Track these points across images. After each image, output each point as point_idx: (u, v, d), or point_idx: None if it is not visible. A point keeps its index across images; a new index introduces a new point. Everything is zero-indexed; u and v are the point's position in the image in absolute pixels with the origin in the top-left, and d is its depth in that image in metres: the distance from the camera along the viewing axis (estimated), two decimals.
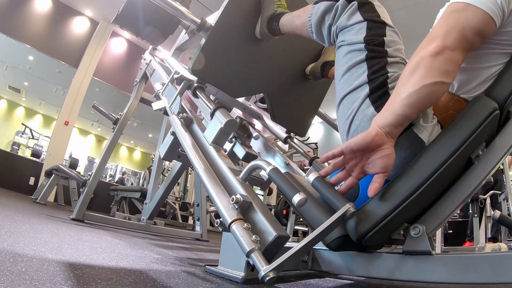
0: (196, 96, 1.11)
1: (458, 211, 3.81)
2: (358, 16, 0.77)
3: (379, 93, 0.72)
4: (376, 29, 0.75)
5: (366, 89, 0.73)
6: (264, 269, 0.56)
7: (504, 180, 2.78)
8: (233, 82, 1.20)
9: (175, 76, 1.19)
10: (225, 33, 1.12)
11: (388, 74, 0.72)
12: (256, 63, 1.25)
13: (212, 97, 1.29)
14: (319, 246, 0.92)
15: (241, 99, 1.53)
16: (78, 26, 4.80)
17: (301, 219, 3.42)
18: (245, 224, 0.65)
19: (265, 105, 1.50)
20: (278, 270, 0.57)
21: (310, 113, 1.58)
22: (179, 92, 1.16)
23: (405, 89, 0.62)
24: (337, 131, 1.91)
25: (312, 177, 0.71)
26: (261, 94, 1.52)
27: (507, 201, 2.69)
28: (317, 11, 0.87)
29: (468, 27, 0.63)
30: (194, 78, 1.13)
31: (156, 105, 1.28)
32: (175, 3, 1.15)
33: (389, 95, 0.71)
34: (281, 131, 1.56)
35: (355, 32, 0.77)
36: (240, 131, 1.30)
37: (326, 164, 1.45)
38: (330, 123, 2.04)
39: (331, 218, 0.61)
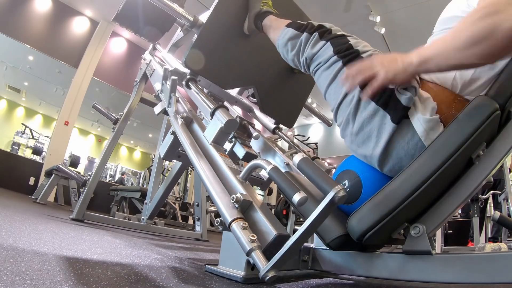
0: (188, 87, 1.17)
1: (459, 212, 3.81)
2: (321, 42, 0.86)
3: None
4: (338, 40, 0.84)
5: (356, 88, 0.76)
6: (264, 268, 0.56)
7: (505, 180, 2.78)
8: (223, 74, 1.27)
9: (169, 69, 1.25)
10: (215, 29, 1.20)
11: None
12: (245, 57, 1.33)
13: (205, 90, 1.34)
14: (320, 245, 0.92)
15: (233, 93, 1.59)
16: (78, 26, 4.80)
17: (301, 219, 3.42)
18: (246, 223, 0.65)
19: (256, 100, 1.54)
20: (278, 268, 0.57)
21: (297, 105, 1.67)
22: (171, 90, 1.20)
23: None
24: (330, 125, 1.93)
25: (298, 158, 0.69)
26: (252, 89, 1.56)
27: (507, 201, 2.69)
28: (284, 36, 0.97)
29: None
30: (187, 71, 1.20)
31: (157, 109, 1.36)
32: (170, 2, 1.21)
33: None
34: (270, 122, 1.61)
35: (323, 53, 0.85)
36: (240, 131, 1.30)
37: (326, 164, 1.46)
38: (324, 120, 2.05)
39: (321, 205, 0.59)
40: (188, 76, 1.19)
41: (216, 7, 1.18)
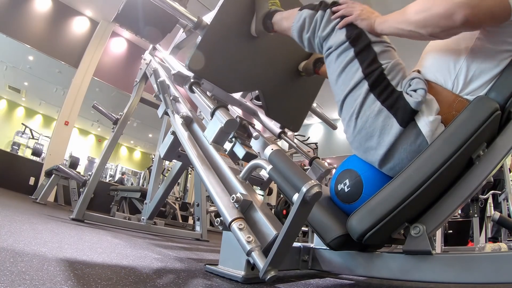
0: (192, 91, 1.13)
1: (459, 212, 3.81)
2: (335, 21, 0.83)
3: (381, 87, 0.74)
4: (352, 25, 0.81)
5: (365, 85, 0.75)
6: (263, 267, 0.56)
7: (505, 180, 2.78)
8: (228, 78, 1.23)
9: (173, 72, 1.21)
10: (220, 31, 1.15)
11: (383, 66, 0.75)
12: (251, 60, 1.28)
13: (208, 94, 1.31)
14: (320, 245, 0.92)
15: (237, 96, 1.56)
16: (78, 26, 4.80)
17: None
18: (242, 225, 0.65)
19: (260, 103, 1.52)
20: (277, 266, 0.57)
21: (304, 109, 1.64)
22: (163, 91, 1.22)
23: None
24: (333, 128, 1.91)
25: (269, 150, 0.67)
26: (256, 91, 1.54)
27: (507, 201, 2.69)
28: (299, 19, 0.93)
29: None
30: (191, 74, 1.16)
31: (160, 112, 1.36)
32: (173, 2, 1.17)
33: (392, 86, 0.73)
34: (275, 126, 1.59)
35: (336, 35, 0.83)
36: (240, 130, 1.30)
37: (326, 164, 1.46)
38: (329, 124, 2.04)
39: (295, 205, 0.58)
40: (191, 80, 1.14)
41: (221, 8, 1.14)
